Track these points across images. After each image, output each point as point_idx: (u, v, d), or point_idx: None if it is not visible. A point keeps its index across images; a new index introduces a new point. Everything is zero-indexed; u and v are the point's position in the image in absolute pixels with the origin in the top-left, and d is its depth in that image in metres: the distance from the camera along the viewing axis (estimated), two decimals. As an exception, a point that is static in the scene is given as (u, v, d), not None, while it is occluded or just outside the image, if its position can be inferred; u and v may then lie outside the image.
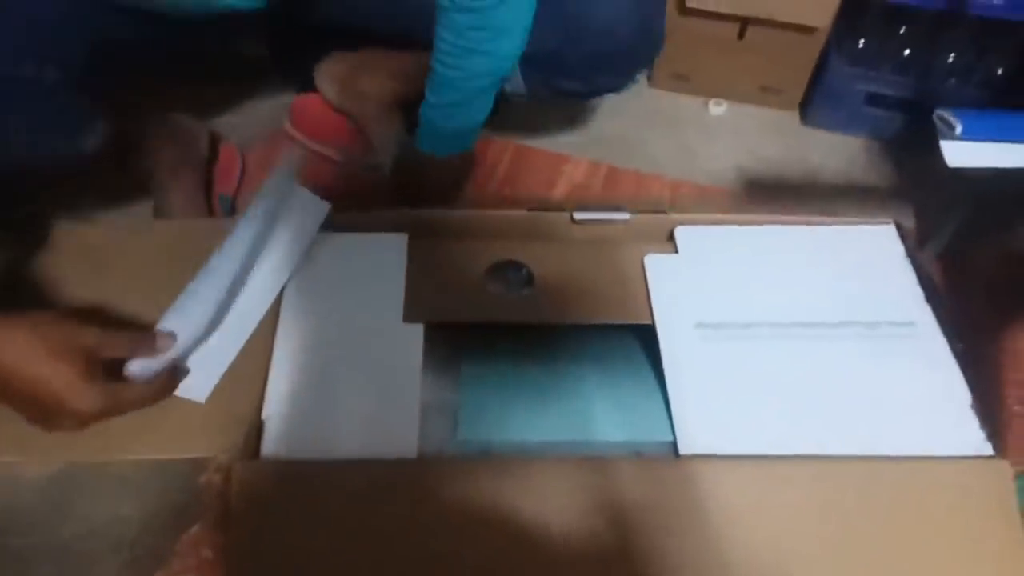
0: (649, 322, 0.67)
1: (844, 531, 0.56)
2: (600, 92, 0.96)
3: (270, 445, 0.60)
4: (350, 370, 0.64)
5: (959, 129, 0.62)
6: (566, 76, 0.89)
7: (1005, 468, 0.58)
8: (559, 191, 1.05)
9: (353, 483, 0.57)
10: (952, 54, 1.14)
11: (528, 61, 0.82)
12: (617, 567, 0.54)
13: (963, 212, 0.98)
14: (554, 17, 0.79)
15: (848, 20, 1.15)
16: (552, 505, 0.56)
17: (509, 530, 0.55)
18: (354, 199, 0.79)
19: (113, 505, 0.60)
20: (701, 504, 0.56)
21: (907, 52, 1.16)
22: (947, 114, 0.63)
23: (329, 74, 1.00)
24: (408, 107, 0.95)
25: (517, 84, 0.91)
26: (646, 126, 1.23)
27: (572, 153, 1.12)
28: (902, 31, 1.15)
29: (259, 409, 0.62)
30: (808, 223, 0.75)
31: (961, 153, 0.63)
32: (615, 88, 0.94)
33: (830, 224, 0.75)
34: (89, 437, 0.60)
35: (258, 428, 0.61)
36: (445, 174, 0.90)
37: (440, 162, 0.86)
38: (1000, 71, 1.13)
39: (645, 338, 0.68)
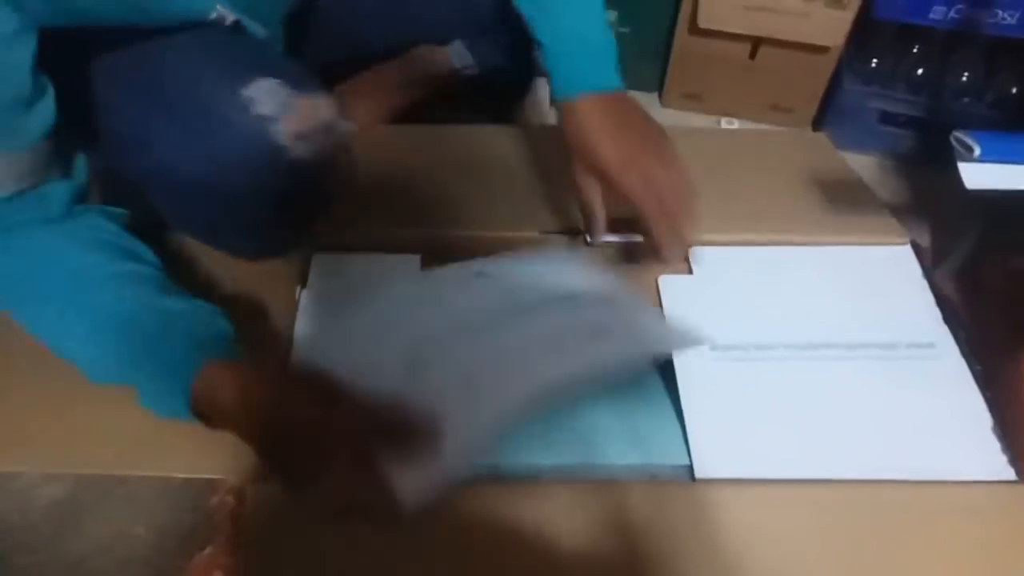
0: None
1: (862, 557, 0.55)
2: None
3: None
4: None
5: (977, 151, 0.62)
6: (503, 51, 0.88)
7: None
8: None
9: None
10: (965, 73, 1.14)
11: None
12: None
13: (979, 230, 0.98)
14: None
15: (860, 40, 1.16)
16: (564, 528, 0.55)
17: (521, 553, 0.54)
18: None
19: (123, 523, 0.60)
20: (715, 529, 0.56)
21: (920, 71, 1.16)
22: (965, 136, 0.63)
23: None
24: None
25: (464, 57, 0.91)
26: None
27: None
28: (915, 50, 1.15)
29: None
30: (823, 243, 0.75)
31: (979, 175, 0.63)
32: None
33: (846, 244, 0.75)
34: (100, 451, 0.60)
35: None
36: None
37: None
38: (1014, 90, 1.13)
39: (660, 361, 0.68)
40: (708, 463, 0.59)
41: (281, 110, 0.57)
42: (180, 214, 0.66)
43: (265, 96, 0.57)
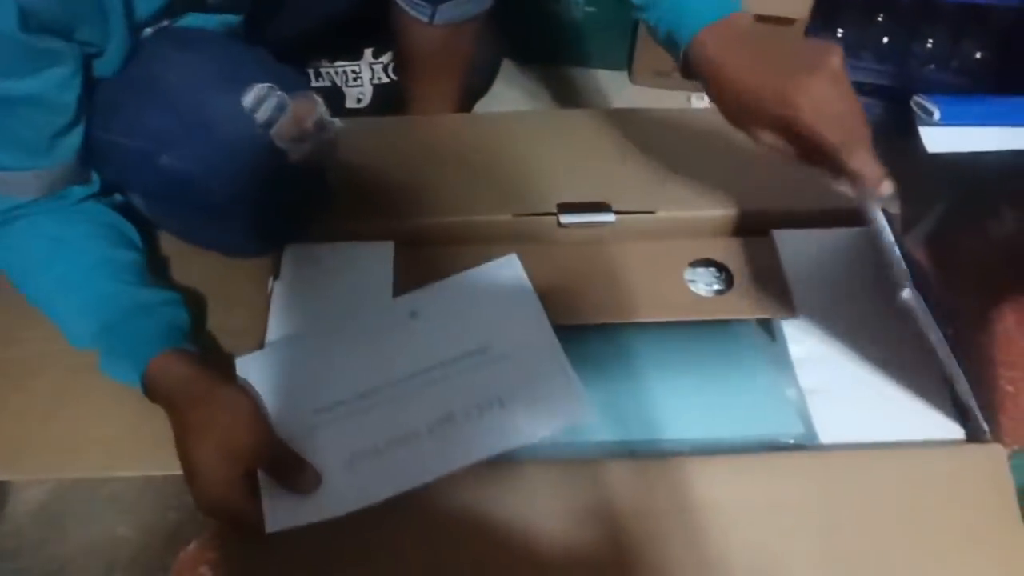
0: (639, 320, 0.67)
1: (839, 522, 0.56)
2: None
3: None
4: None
5: (937, 115, 0.63)
6: None
7: (999, 451, 0.59)
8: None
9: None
10: (930, 40, 1.15)
11: None
12: (610, 570, 0.54)
13: (947, 197, 0.99)
14: None
15: (826, 10, 1.16)
16: (542, 510, 0.56)
17: (501, 537, 0.55)
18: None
19: (107, 525, 0.60)
20: (693, 502, 0.56)
21: (885, 40, 1.17)
22: (925, 100, 0.64)
23: None
24: None
25: (418, 7, 0.87)
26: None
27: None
28: (880, 19, 1.16)
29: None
30: (795, 214, 0.75)
31: (940, 138, 0.63)
32: None
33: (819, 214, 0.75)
34: (81, 455, 0.60)
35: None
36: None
37: None
38: (978, 55, 1.14)
39: (642, 337, 0.68)
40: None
41: (277, 114, 0.60)
42: (178, 220, 0.68)
43: (261, 102, 0.59)
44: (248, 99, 0.59)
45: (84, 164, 0.63)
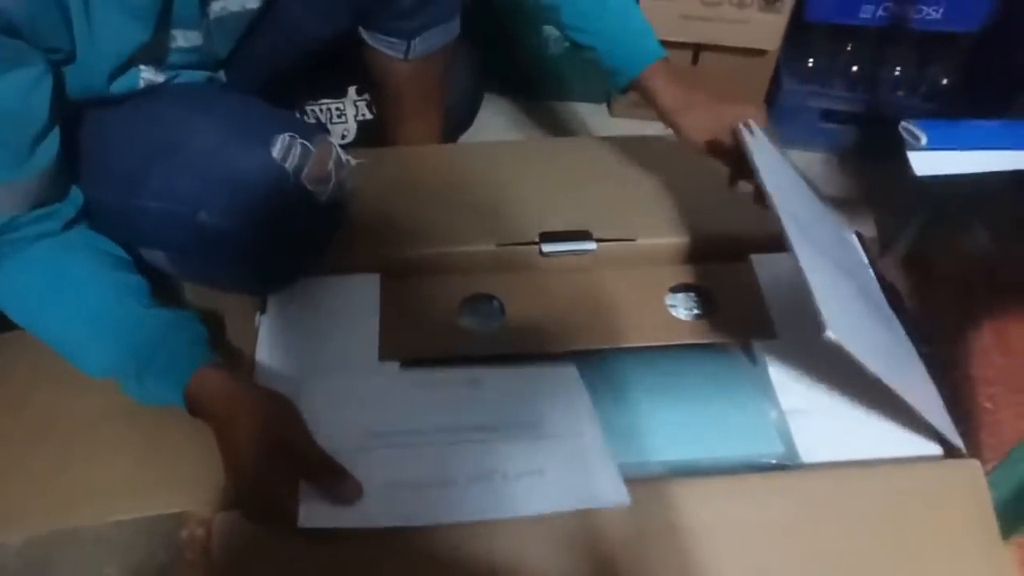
0: (622, 346, 0.68)
1: (823, 539, 0.57)
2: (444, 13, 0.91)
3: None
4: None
5: (924, 140, 0.65)
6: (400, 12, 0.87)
7: (976, 467, 0.59)
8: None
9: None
10: (898, 67, 1.18)
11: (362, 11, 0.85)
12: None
13: (922, 217, 1.01)
14: None
15: (796, 41, 1.19)
16: (534, 532, 0.56)
17: (493, 560, 0.55)
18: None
19: (94, 566, 0.59)
20: (679, 524, 0.57)
21: (855, 68, 1.20)
22: (912, 126, 0.66)
23: None
24: None
25: (389, 43, 0.90)
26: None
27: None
28: (848, 48, 1.19)
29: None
30: (773, 241, 0.77)
31: (927, 163, 0.65)
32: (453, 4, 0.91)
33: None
34: (66, 502, 0.60)
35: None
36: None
37: None
38: (945, 81, 1.18)
39: (623, 361, 0.69)
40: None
41: (304, 160, 0.64)
42: (205, 270, 0.69)
43: (288, 151, 0.63)
44: (276, 150, 0.62)
45: (60, 174, 0.62)
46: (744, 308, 0.72)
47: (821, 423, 0.63)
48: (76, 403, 0.66)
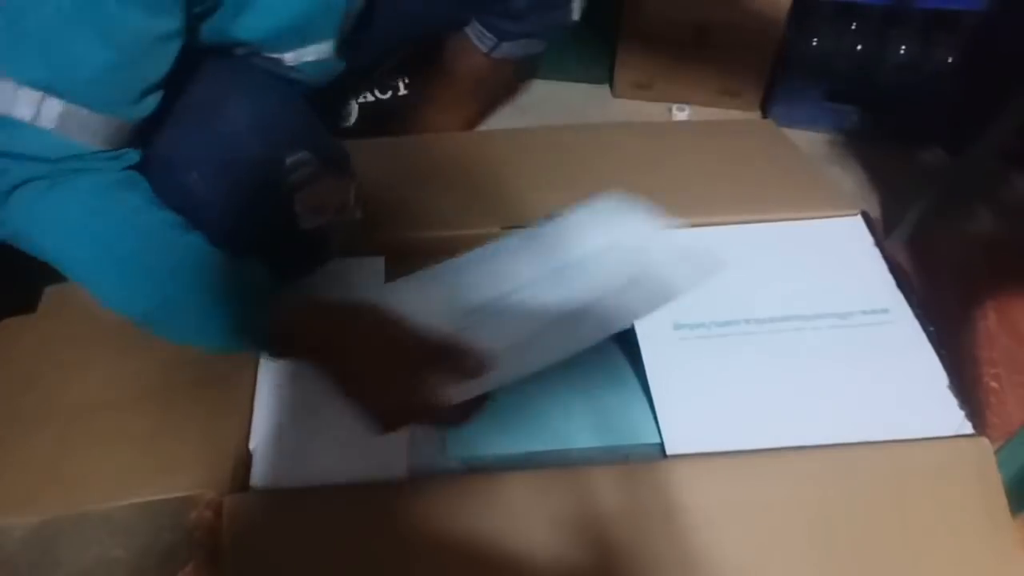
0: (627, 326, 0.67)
1: (828, 517, 0.57)
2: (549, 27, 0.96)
3: (259, 476, 0.59)
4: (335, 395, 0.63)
5: None
6: (509, 14, 0.91)
7: (985, 445, 0.60)
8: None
9: (344, 508, 0.57)
10: (903, 47, 1.17)
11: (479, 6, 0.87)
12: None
13: (927, 198, 1.01)
14: None
15: (800, 21, 1.18)
16: (535, 519, 0.56)
17: (497, 548, 0.55)
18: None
19: (102, 549, 0.59)
20: (683, 505, 0.57)
21: (859, 48, 1.19)
22: None
23: None
24: None
25: (483, 35, 0.94)
26: (612, 134, 1.24)
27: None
28: (853, 27, 1.18)
29: (246, 440, 0.61)
30: (777, 220, 0.77)
31: None
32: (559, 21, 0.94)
33: (799, 219, 0.77)
34: (71, 485, 0.60)
35: (246, 460, 0.60)
36: None
37: None
38: (950, 60, 1.17)
39: (623, 342, 0.69)
40: (678, 439, 0.60)
41: (307, 183, 0.64)
42: None
43: (299, 167, 0.64)
44: (291, 160, 0.63)
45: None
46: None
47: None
48: (79, 388, 0.66)
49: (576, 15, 0.93)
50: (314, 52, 0.72)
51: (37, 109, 0.52)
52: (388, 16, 0.78)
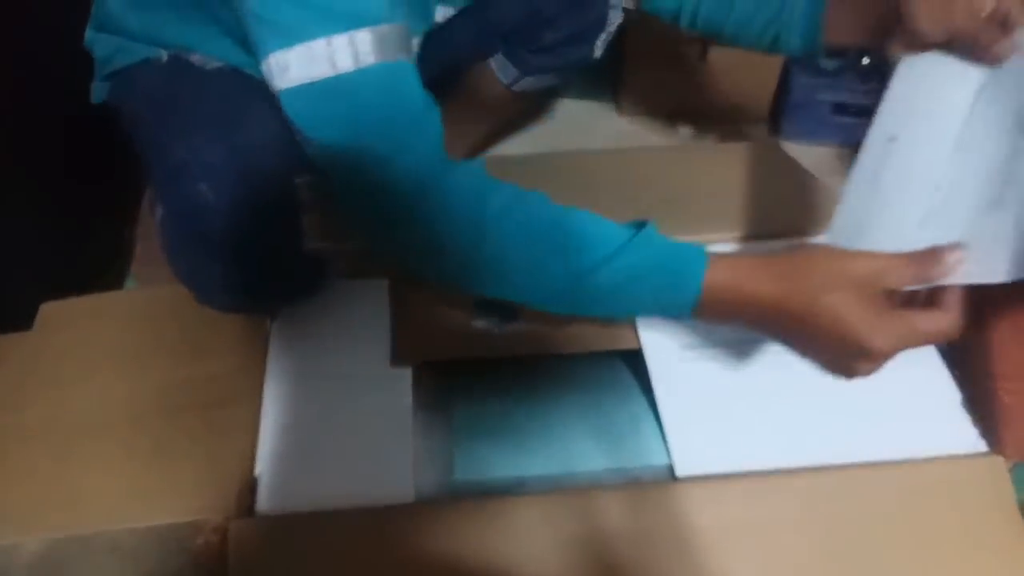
0: (636, 347, 0.67)
1: (842, 541, 0.56)
2: (572, 63, 0.97)
3: (265, 500, 0.59)
4: (341, 419, 0.63)
5: None
6: (538, 47, 0.92)
7: (999, 463, 0.59)
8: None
9: (351, 532, 0.57)
10: (909, 60, 1.17)
11: (506, 34, 0.88)
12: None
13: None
14: None
15: (806, 34, 1.18)
16: (544, 542, 0.56)
17: (505, 571, 0.55)
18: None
19: (108, 574, 0.59)
20: (694, 527, 0.56)
21: (866, 60, 1.19)
22: None
23: None
24: None
25: (506, 67, 0.95)
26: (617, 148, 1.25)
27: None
28: (859, 40, 1.18)
29: (251, 465, 0.61)
30: (788, 237, 0.76)
31: None
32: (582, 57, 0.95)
33: (806, 238, 0.76)
34: (78, 509, 0.60)
35: (252, 484, 0.60)
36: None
37: None
38: (956, 73, 1.16)
39: (633, 363, 0.68)
40: (688, 460, 0.60)
41: (316, 203, 0.64)
42: (182, 245, 0.67)
43: (309, 187, 0.64)
44: (302, 179, 0.64)
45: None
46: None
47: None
48: (76, 406, 0.66)
49: (599, 53, 0.95)
50: None
51: (354, 52, 0.52)
52: (435, 43, 0.78)
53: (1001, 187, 0.53)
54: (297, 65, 0.52)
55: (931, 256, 0.49)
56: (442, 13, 0.78)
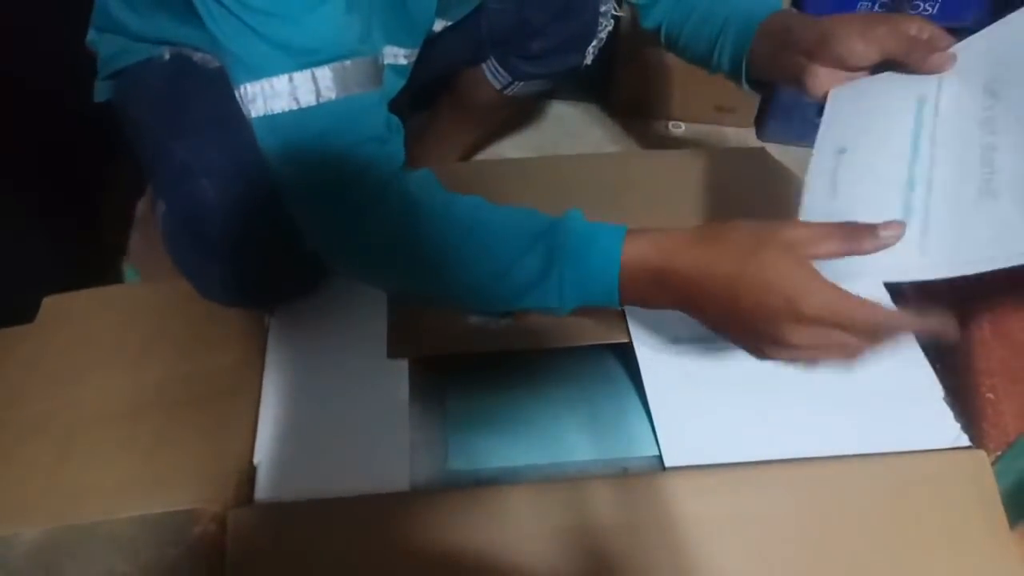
0: (626, 341, 0.68)
1: (827, 533, 0.57)
2: (563, 70, 0.98)
3: (263, 489, 0.60)
4: (339, 410, 0.64)
5: None
6: (528, 55, 0.94)
7: (982, 457, 0.60)
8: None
9: (348, 521, 0.57)
10: (894, 63, 1.19)
11: (499, 42, 0.90)
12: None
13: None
14: None
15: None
16: (535, 531, 0.57)
17: (498, 559, 0.56)
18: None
19: (106, 564, 0.60)
20: (682, 516, 0.57)
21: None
22: None
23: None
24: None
25: (498, 73, 0.97)
26: (609, 150, 1.26)
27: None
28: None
29: (250, 454, 0.62)
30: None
31: None
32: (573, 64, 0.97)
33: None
34: (77, 499, 0.60)
35: (250, 473, 0.61)
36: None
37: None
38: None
39: (623, 356, 0.69)
40: (677, 451, 0.61)
41: None
42: (185, 242, 0.69)
43: None
44: None
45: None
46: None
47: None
48: (76, 399, 0.66)
49: (589, 60, 0.96)
50: None
51: (316, 89, 0.53)
52: (426, 54, 0.79)
53: (989, 175, 0.53)
54: (262, 98, 0.54)
55: (865, 228, 0.48)
56: (439, 24, 0.80)
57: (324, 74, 0.53)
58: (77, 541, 0.60)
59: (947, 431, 0.62)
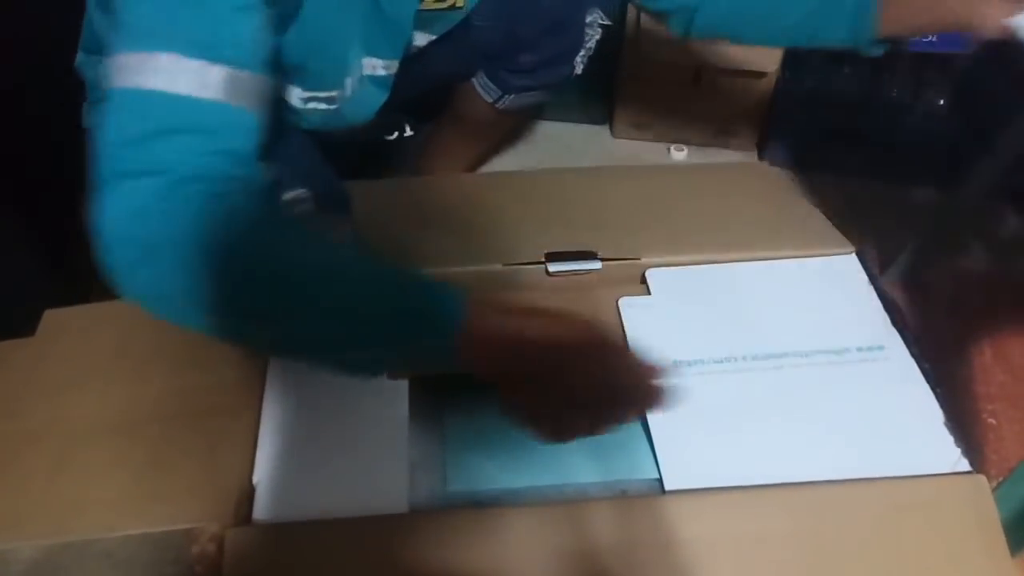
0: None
1: (827, 557, 0.57)
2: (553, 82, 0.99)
3: (262, 509, 0.60)
4: (338, 429, 0.64)
5: None
6: (518, 69, 0.94)
7: (982, 482, 0.60)
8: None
9: (346, 542, 0.57)
10: (895, 88, 1.20)
11: (488, 56, 0.90)
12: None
13: (920, 237, 1.02)
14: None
15: (794, 63, 1.21)
16: (535, 553, 0.57)
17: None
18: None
19: (103, 583, 0.59)
20: (682, 539, 0.57)
21: (852, 90, 1.22)
22: None
23: None
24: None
25: (488, 87, 0.97)
26: (611, 174, 1.26)
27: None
28: (846, 70, 1.21)
29: (249, 473, 0.62)
30: (774, 258, 0.78)
31: None
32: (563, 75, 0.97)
33: (795, 257, 0.78)
34: (74, 516, 0.60)
35: (249, 493, 0.61)
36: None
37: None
38: (941, 102, 1.19)
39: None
40: (677, 474, 0.61)
41: (302, 219, 0.65)
42: None
43: (296, 203, 0.65)
44: (288, 194, 0.65)
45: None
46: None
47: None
48: (74, 412, 0.66)
49: (579, 70, 0.97)
50: (325, 100, 0.74)
51: (201, 81, 0.50)
52: (414, 67, 0.80)
53: None
54: (137, 72, 0.49)
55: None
56: (423, 38, 0.80)
57: (217, 72, 0.50)
58: (74, 559, 0.60)
59: (947, 456, 0.62)
